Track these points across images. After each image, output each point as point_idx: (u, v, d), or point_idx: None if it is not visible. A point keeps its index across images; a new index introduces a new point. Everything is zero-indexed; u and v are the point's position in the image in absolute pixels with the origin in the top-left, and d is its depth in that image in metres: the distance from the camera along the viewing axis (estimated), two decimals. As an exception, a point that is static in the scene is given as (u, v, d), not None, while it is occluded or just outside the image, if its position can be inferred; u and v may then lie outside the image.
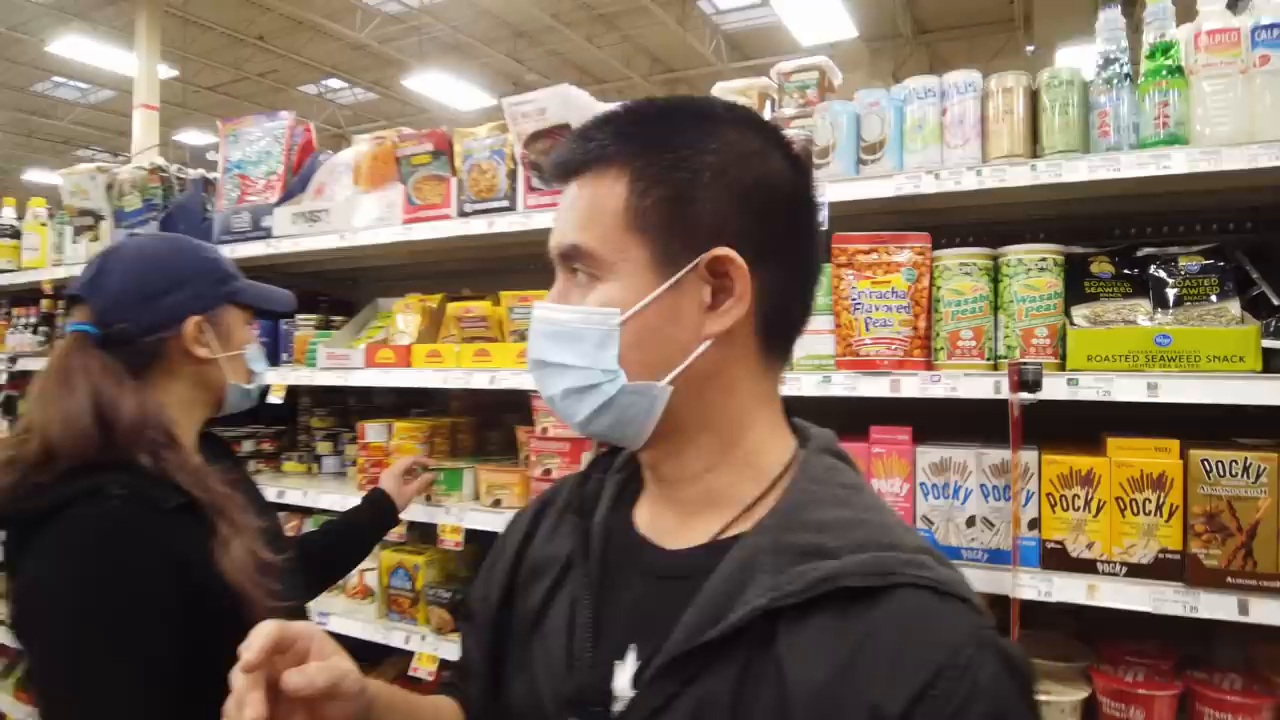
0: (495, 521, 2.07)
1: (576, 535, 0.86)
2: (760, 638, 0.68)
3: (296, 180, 2.59)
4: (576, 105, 1.91)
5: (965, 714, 0.61)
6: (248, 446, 2.75)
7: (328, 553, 1.84)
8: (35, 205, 3.44)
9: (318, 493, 2.45)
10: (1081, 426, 1.66)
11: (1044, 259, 1.57)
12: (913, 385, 1.61)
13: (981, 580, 1.54)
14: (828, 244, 1.70)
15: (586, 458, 1.97)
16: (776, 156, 0.77)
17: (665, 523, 0.82)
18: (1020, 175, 1.53)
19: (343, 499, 2.38)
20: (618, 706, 0.74)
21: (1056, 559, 1.52)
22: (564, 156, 0.78)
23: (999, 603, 1.46)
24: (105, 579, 1.10)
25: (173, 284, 1.31)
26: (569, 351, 0.76)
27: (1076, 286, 1.60)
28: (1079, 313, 1.58)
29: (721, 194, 0.74)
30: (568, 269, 0.78)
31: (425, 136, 2.17)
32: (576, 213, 0.76)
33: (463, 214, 2.16)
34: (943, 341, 1.65)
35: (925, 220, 1.79)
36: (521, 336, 2.13)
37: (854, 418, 1.81)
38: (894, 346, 1.66)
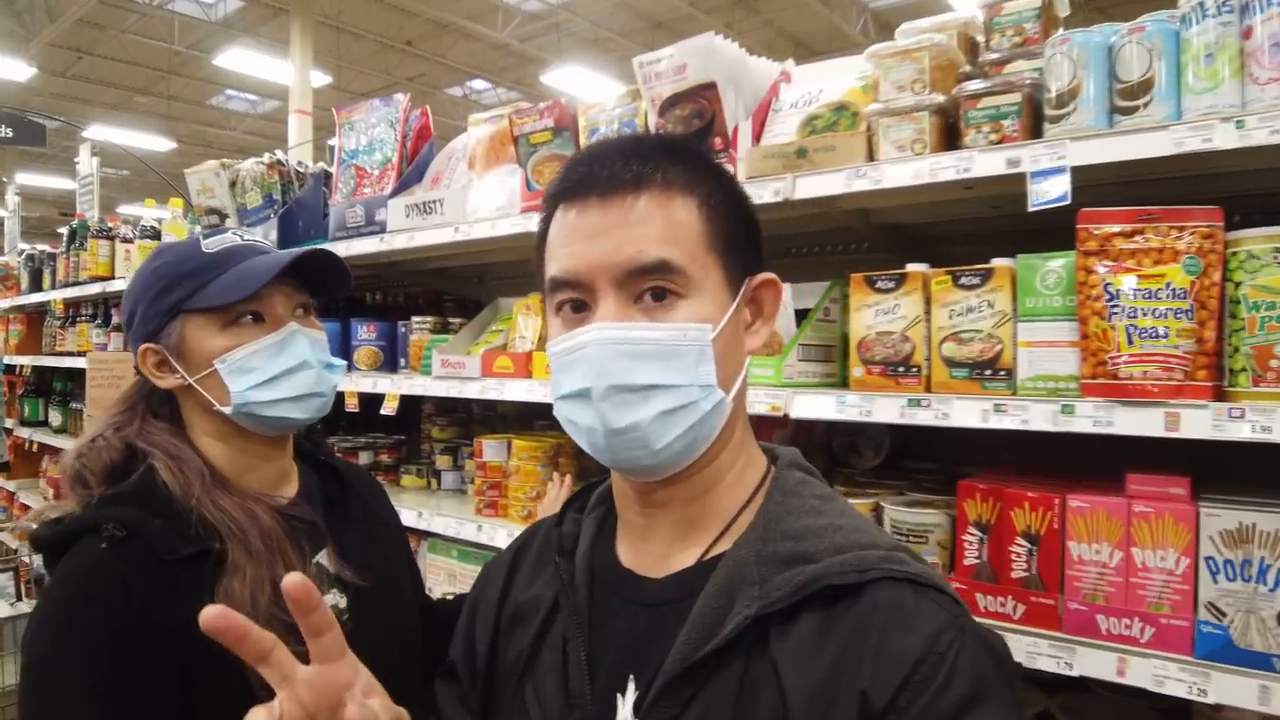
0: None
1: (561, 575, 0.85)
2: (753, 646, 0.71)
3: (412, 169, 2.36)
4: (723, 58, 1.55)
5: (946, 694, 0.65)
6: (365, 458, 2.56)
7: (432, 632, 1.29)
8: (174, 205, 3.46)
9: (432, 514, 2.22)
10: None
11: None
12: (1200, 421, 1.14)
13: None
14: (1070, 223, 1.25)
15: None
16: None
17: (650, 551, 0.83)
18: (1386, 116, 1.04)
19: (458, 523, 2.14)
20: None
21: None
22: (612, 173, 0.76)
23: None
24: (62, 638, 0.97)
25: (130, 314, 1.14)
26: (668, 370, 0.73)
27: None
28: None
29: (747, 222, 0.82)
30: (631, 288, 0.75)
31: (546, 111, 1.87)
32: (654, 229, 0.75)
33: (588, 200, 1.84)
34: (1244, 360, 1.17)
35: (1211, 192, 1.29)
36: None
37: (1096, 459, 1.35)
38: (1171, 366, 1.19)
